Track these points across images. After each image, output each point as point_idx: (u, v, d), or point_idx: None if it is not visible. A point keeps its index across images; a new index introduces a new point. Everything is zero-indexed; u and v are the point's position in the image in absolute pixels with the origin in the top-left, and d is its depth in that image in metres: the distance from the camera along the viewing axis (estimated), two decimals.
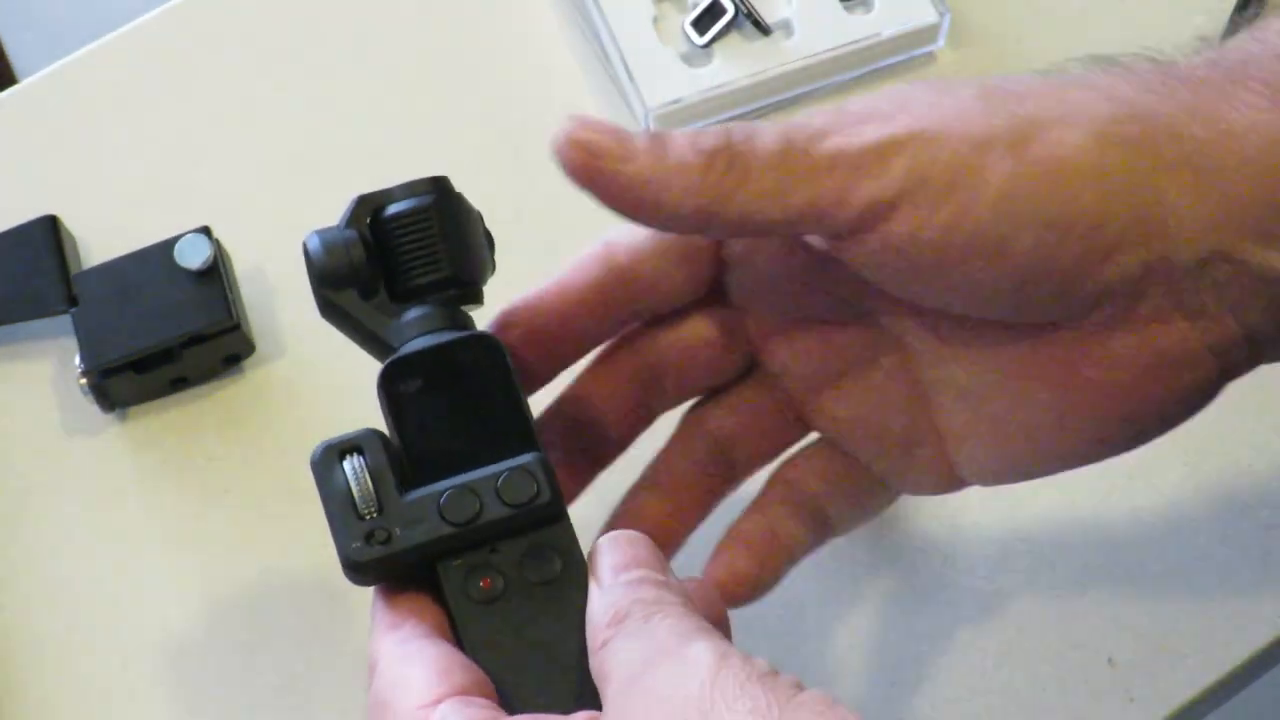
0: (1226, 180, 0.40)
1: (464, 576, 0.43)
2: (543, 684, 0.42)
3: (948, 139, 0.40)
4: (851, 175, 0.40)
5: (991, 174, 0.39)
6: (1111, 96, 0.40)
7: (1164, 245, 0.40)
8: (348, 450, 0.44)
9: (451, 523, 0.43)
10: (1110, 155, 0.40)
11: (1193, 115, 0.40)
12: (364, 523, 0.43)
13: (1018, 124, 0.40)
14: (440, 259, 0.47)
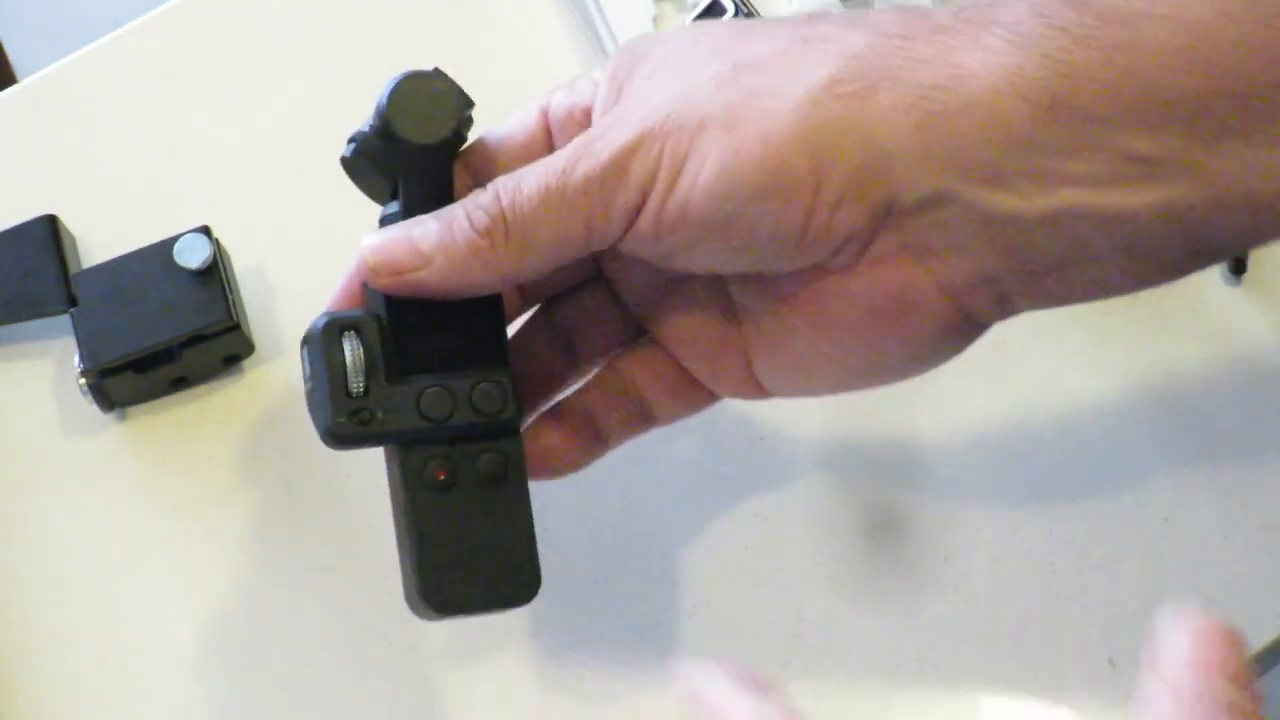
0: (951, 122, 0.41)
1: (422, 463, 0.48)
2: (471, 569, 0.48)
3: (673, 129, 0.43)
4: (603, 194, 0.44)
5: (707, 157, 0.42)
6: (842, 53, 0.42)
7: (888, 189, 0.42)
8: (349, 327, 0.48)
9: (426, 417, 0.47)
10: (820, 118, 0.42)
11: (924, 63, 0.41)
12: (350, 400, 0.47)
13: (736, 101, 0.42)
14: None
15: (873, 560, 0.58)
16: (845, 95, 0.42)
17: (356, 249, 0.49)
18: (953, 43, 0.41)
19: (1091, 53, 0.40)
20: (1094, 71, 0.40)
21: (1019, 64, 0.40)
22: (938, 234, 0.43)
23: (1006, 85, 0.40)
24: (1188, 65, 0.39)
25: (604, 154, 0.44)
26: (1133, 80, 0.40)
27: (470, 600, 0.49)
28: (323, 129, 0.67)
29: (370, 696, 0.57)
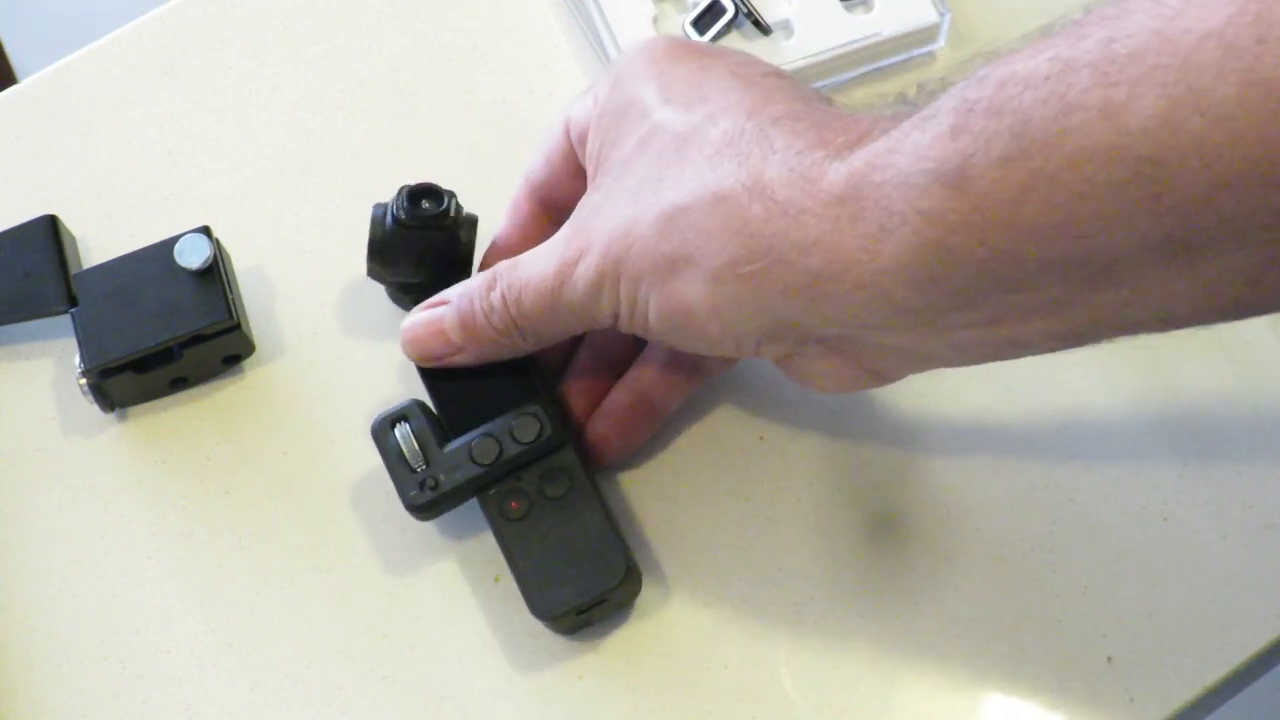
0: (840, 302, 0.47)
1: (499, 502, 0.56)
2: (566, 574, 0.55)
3: (621, 276, 0.51)
4: (587, 312, 0.53)
5: (649, 305, 0.51)
6: (742, 231, 0.48)
7: (798, 333, 0.49)
8: (397, 419, 0.57)
9: (481, 464, 0.56)
10: (727, 297, 0.49)
11: (814, 247, 0.46)
12: (416, 474, 0.56)
13: (664, 263, 0.50)
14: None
15: (873, 560, 0.58)
16: (745, 275, 0.48)
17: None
18: (840, 226, 0.46)
19: (968, 238, 0.43)
20: (971, 255, 0.44)
21: (898, 253, 0.45)
22: (851, 350, 0.50)
23: (888, 272, 0.45)
24: (1058, 237, 0.42)
25: (579, 287, 0.52)
26: (1009, 258, 0.43)
27: (571, 598, 0.55)
28: (323, 130, 0.68)
29: (370, 696, 0.57)
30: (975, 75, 0.44)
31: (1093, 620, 0.57)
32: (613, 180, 0.52)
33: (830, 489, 0.60)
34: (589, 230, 0.52)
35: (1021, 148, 0.42)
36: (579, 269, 0.52)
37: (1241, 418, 0.60)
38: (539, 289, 0.53)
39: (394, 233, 0.59)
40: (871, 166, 0.45)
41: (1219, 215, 0.40)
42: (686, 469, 0.60)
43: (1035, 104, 0.42)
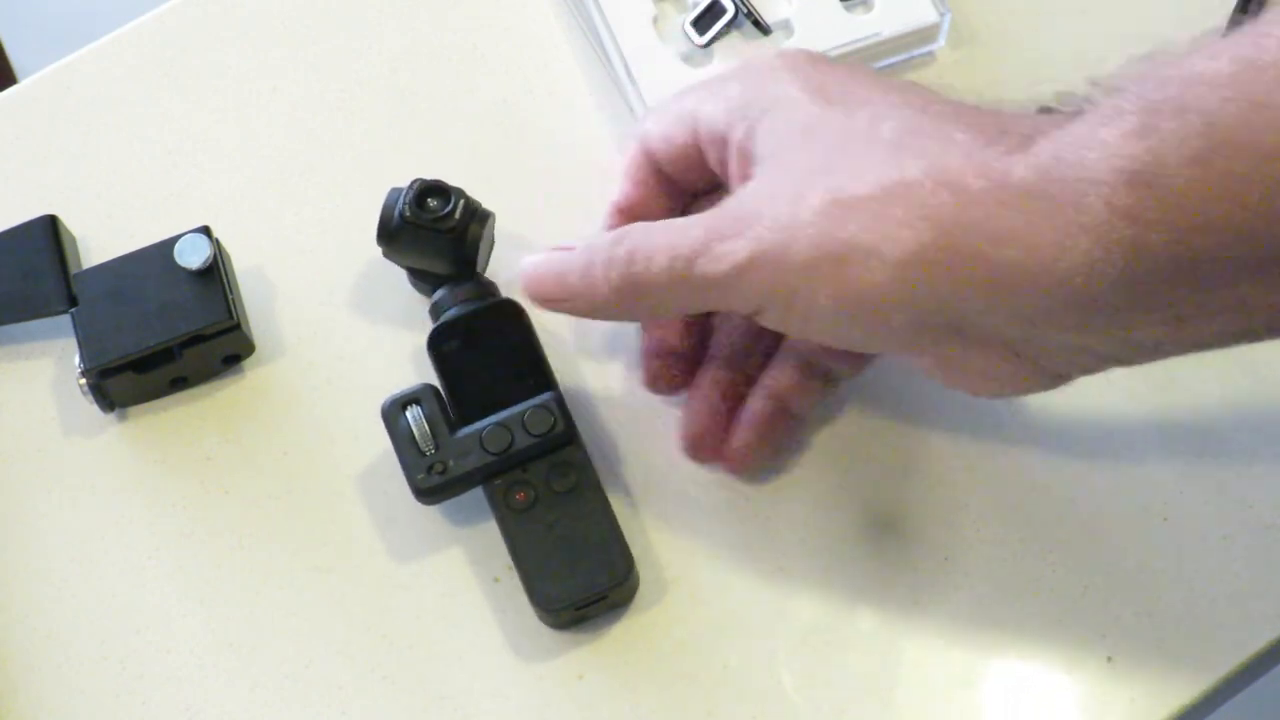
0: (1031, 298, 0.46)
1: (505, 492, 0.57)
2: (568, 569, 0.56)
3: (782, 263, 0.49)
4: (720, 293, 0.51)
5: (818, 296, 0.49)
6: (934, 217, 0.47)
7: (980, 334, 0.48)
8: (409, 402, 0.57)
9: (491, 452, 0.56)
10: (913, 285, 0.47)
11: (1009, 238, 0.46)
12: (425, 458, 0.56)
13: (840, 249, 0.48)
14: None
15: (873, 560, 0.58)
16: (935, 264, 0.47)
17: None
18: (1034, 220, 0.45)
19: (1162, 236, 0.43)
20: (1165, 254, 0.44)
21: (1092, 249, 0.44)
22: (1027, 350, 0.49)
23: (1083, 270, 0.45)
24: (1251, 235, 0.43)
25: (724, 262, 0.50)
26: (1203, 257, 0.43)
27: (573, 592, 0.56)
28: (323, 130, 0.68)
29: (370, 696, 0.57)
30: (1155, 76, 0.44)
31: (1093, 620, 0.57)
32: (772, 170, 0.51)
33: (830, 489, 0.60)
34: (744, 212, 0.50)
35: (1211, 146, 0.42)
36: (726, 246, 0.50)
37: (1241, 418, 0.60)
38: (674, 254, 0.51)
39: (400, 226, 0.59)
40: (1059, 161, 0.45)
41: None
42: (686, 469, 0.60)
43: (1222, 103, 0.42)
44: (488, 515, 0.58)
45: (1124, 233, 0.44)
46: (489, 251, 0.63)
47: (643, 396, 0.61)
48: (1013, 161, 0.46)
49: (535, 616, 0.57)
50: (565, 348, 0.62)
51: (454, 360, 0.59)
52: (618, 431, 0.61)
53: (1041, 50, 0.67)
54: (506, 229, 0.63)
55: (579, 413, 0.60)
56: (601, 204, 0.65)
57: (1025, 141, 0.47)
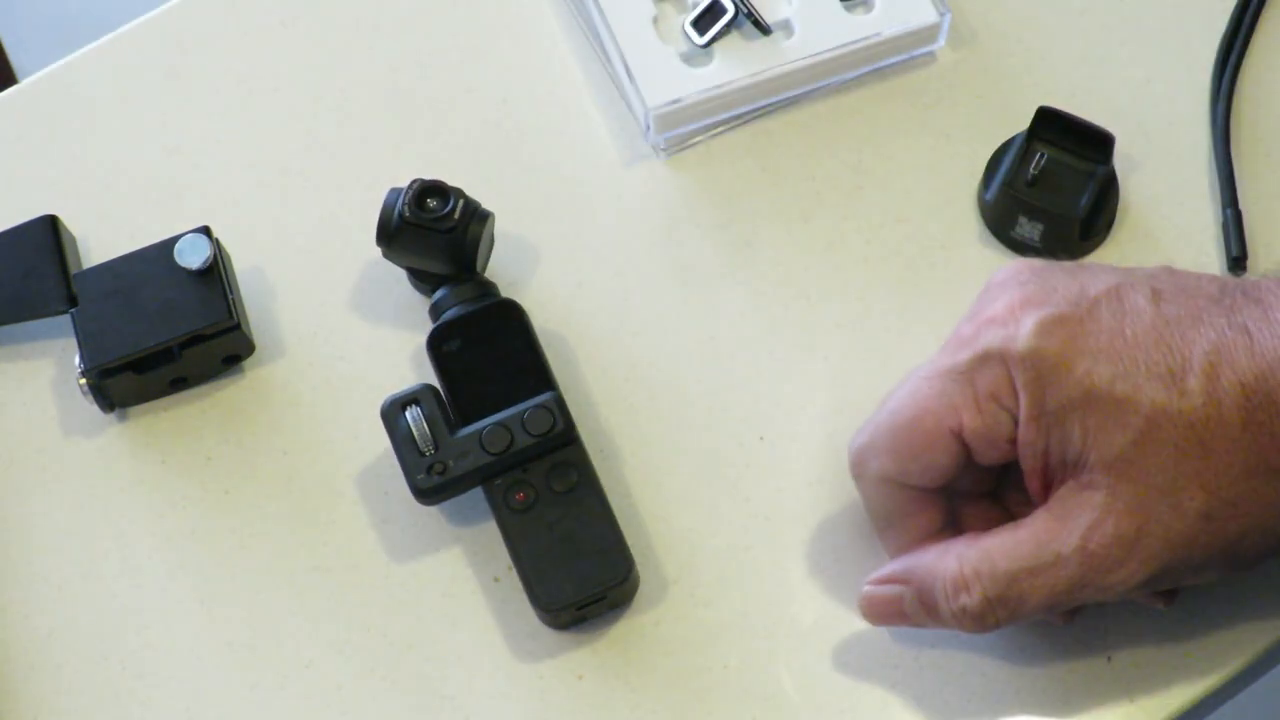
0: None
1: (504, 492, 0.57)
2: (568, 568, 0.56)
3: (1175, 569, 0.50)
4: (1100, 594, 0.51)
5: (1207, 578, 0.51)
6: (1265, 467, 0.48)
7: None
8: (408, 402, 0.57)
9: (491, 452, 0.56)
10: (1254, 528, 0.49)
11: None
12: (424, 458, 0.56)
13: (1229, 546, 0.49)
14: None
15: (873, 560, 0.58)
16: (1262, 425, 0.48)
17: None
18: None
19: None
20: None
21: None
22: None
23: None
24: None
25: (1115, 589, 0.50)
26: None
27: (573, 592, 0.56)
28: (323, 130, 0.68)
29: (370, 696, 0.57)
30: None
31: (1093, 620, 0.57)
32: (1118, 481, 0.49)
33: (830, 489, 0.60)
34: (1119, 535, 0.49)
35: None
36: (1116, 576, 0.50)
37: None
38: (1053, 593, 0.51)
39: (399, 226, 0.59)
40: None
41: None
42: (686, 469, 0.60)
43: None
44: (488, 515, 0.58)
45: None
46: (489, 251, 0.63)
47: (642, 396, 0.61)
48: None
49: (535, 616, 0.57)
50: (565, 348, 0.62)
51: (454, 360, 0.59)
52: (618, 431, 0.61)
53: (1041, 50, 0.67)
54: (506, 229, 0.63)
55: (579, 413, 0.60)
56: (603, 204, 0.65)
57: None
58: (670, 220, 0.65)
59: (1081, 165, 0.62)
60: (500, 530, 0.57)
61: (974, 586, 0.52)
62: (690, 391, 0.61)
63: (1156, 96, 0.66)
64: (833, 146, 0.66)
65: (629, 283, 0.64)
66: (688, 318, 0.63)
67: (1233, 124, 0.65)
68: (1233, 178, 0.63)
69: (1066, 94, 0.65)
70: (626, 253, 0.64)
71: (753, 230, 0.64)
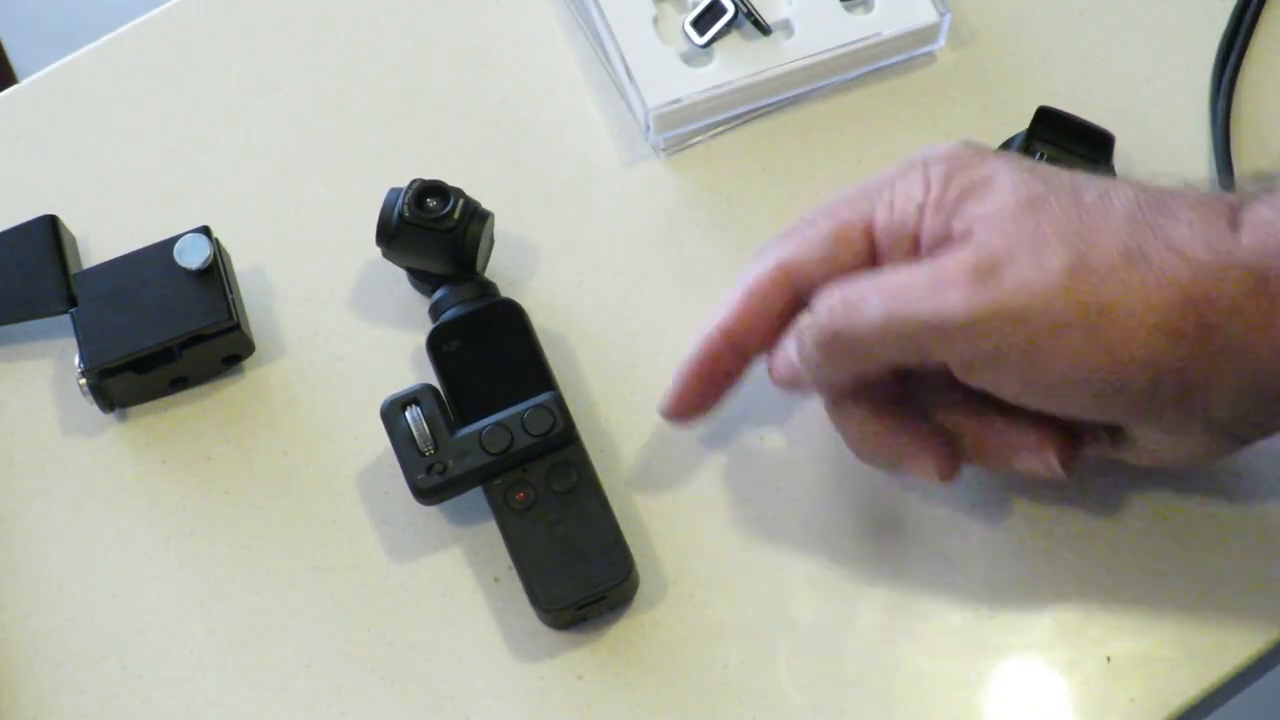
0: (1255, 366, 0.48)
1: (504, 492, 0.57)
2: (568, 568, 0.56)
3: (1028, 322, 0.49)
4: (944, 342, 0.50)
5: (1063, 355, 0.49)
6: (1175, 287, 0.48)
7: (1203, 411, 0.49)
8: (408, 402, 0.57)
9: (491, 453, 0.56)
10: (1164, 346, 0.48)
11: (1236, 312, 0.48)
12: (424, 458, 0.56)
13: (1092, 313, 0.48)
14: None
15: (873, 560, 0.58)
16: (1184, 333, 0.48)
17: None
18: (1259, 289, 0.47)
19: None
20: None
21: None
22: (1238, 429, 0.51)
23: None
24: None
25: (957, 307, 0.49)
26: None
27: (573, 592, 0.56)
28: (323, 130, 0.68)
29: (370, 696, 0.57)
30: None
31: (1093, 620, 0.57)
32: (995, 236, 0.50)
33: (830, 489, 0.60)
34: (971, 265, 0.49)
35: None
36: (960, 293, 0.49)
37: None
38: (894, 296, 0.50)
39: (399, 226, 0.59)
40: (1269, 234, 0.47)
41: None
42: (686, 469, 0.60)
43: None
44: (488, 515, 0.58)
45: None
46: (489, 251, 0.63)
47: (642, 396, 0.61)
48: (1236, 239, 0.48)
49: (535, 616, 0.57)
50: (565, 348, 0.62)
51: (454, 360, 0.59)
52: (618, 431, 0.61)
53: (1041, 50, 0.67)
54: (506, 229, 0.63)
55: (579, 413, 0.60)
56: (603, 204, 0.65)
57: (1237, 212, 0.49)
58: (670, 220, 0.65)
59: (1081, 165, 0.62)
60: (500, 530, 0.57)
61: (824, 298, 0.52)
62: None
63: (1156, 96, 0.66)
64: (833, 146, 0.66)
65: (629, 283, 0.64)
66: (688, 318, 0.63)
67: (1233, 124, 0.65)
68: (1233, 177, 0.63)
69: (1066, 94, 0.65)
70: (626, 253, 0.64)
71: (753, 230, 0.64)
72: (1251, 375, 0.48)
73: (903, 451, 0.54)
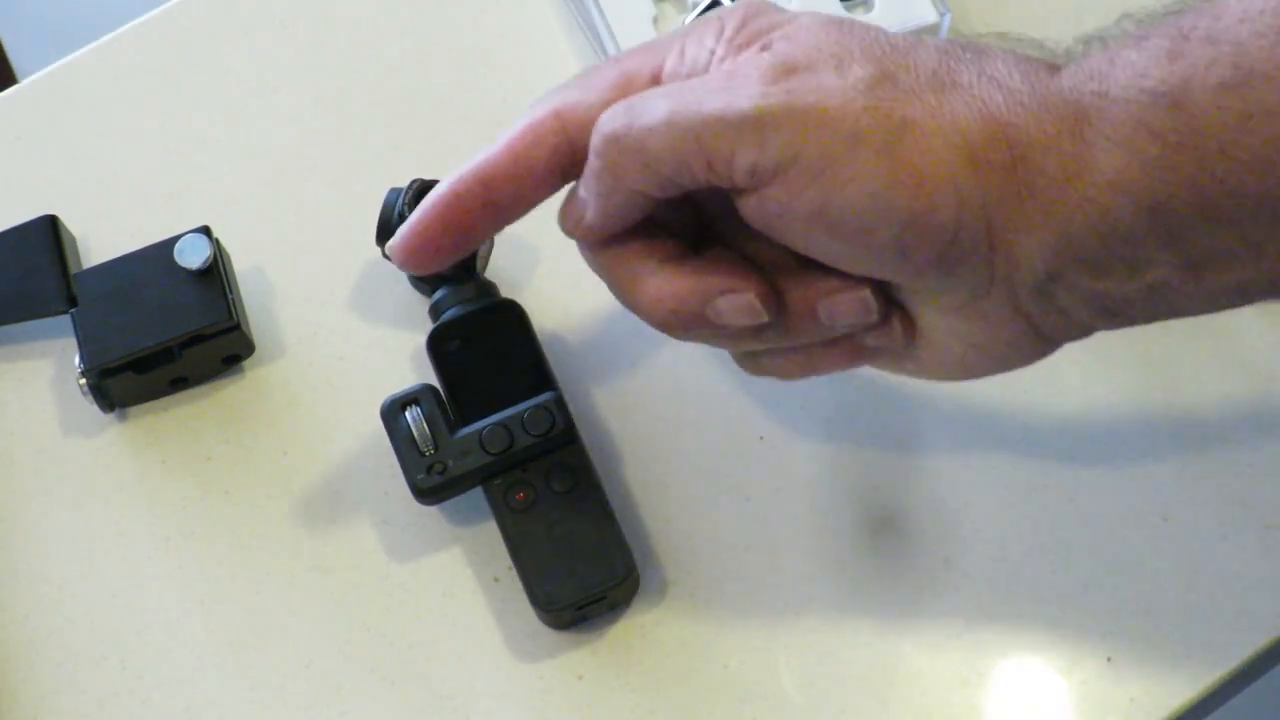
0: (1069, 214, 0.44)
1: (504, 492, 0.57)
2: (568, 568, 0.56)
3: (823, 125, 0.44)
4: (732, 140, 0.45)
5: (861, 169, 0.44)
6: (984, 113, 0.45)
7: (1007, 266, 0.46)
8: (408, 402, 0.57)
9: (491, 452, 0.56)
10: (971, 175, 0.44)
11: (1049, 149, 0.44)
12: (424, 458, 0.56)
13: (894, 125, 0.44)
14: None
15: (873, 560, 0.58)
16: (993, 164, 0.44)
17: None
18: (1071, 128, 0.44)
19: (1188, 158, 0.43)
20: (1189, 179, 0.43)
21: (1122, 167, 0.43)
22: (1042, 303, 0.47)
23: (1114, 186, 0.44)
24: (1275, 172, 0.42)
25: (745, 103, 0.45)
26: (1224, 187, 0.43)
27: (573, 592, 0.56)
28: (323, 130, 0.68)
29: (370, 696, 0.57)
30: (1188, 10, 0.44)
31: (1093, 620, 0.57)
32: (799, 47, 0.46)
33: (830, 489, 0.60)
34: (765, 66, 0.46)
35: (1240, 77, 0.42)
36: (752, 89, 0.45)
37: (1241, 418, 0.60)
38: (680, 98, 0.46)
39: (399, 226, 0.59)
40: (1090, 76, 0.45)
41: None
42: (686, 469, 0.60)
43: (1253, 36, 0.42)
44: (488, 515, 0.58)
45: (1151, 152, 0.43)
46: (489, 251, 0.63)
47: (642, 396, 0.61)
48: (1055, 79, 0.45)
49: (535, 616, 0.57)
50: (565, 348, 0.62)
51: (454, 360, 0.59)
52: (618, 431, 0.61)
53: None
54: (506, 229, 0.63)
55: (579, 413, 0.60)
56: None
57: (1056, 62, 0.47)
58: None
59: None
60: (500, 530, 0.57)
61: (620, 103, 0.47)
62: (690, 391, 0.61)
63: None
64: None
65: None
66: None
67: None
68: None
69: None
70: None
71: None
72: (1063, 229, 0.45)
73: (711, 290, 0.49)
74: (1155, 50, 0.44)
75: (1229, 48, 0.42)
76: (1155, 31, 0.44)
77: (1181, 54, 0.43)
